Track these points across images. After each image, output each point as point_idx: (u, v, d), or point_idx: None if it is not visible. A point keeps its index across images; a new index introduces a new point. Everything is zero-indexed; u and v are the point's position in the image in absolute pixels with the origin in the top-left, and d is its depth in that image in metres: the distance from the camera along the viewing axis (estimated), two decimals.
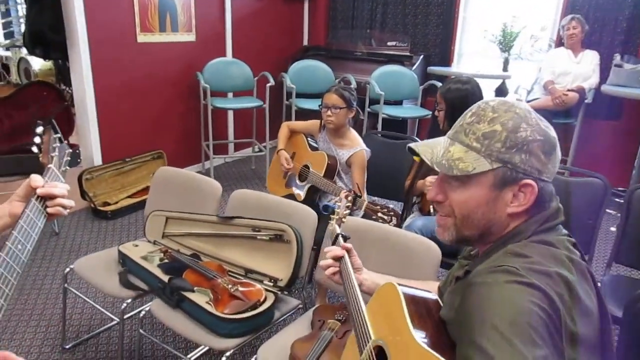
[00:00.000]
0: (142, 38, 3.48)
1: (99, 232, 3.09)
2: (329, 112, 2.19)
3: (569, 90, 3.60)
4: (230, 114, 4.40)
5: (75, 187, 3.26)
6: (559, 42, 3.82)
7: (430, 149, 0.90)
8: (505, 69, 4.07)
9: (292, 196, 2.34)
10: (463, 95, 1.90)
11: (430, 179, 1.97)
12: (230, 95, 4.22)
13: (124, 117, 3.52)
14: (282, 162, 2.37)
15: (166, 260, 1.81)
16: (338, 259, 1.13)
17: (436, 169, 0.86)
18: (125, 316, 2.13)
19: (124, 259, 1.85)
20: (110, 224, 3.21)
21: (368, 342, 0.93)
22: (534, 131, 0.84)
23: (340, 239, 1.20)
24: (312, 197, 2.31)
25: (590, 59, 3.66)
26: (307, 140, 2.43)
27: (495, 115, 0.85)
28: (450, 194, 0.89)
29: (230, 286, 1.62)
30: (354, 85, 3.92)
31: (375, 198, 2.88)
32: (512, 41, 4.05)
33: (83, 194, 3.27)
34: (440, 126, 1.95)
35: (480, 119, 0.86)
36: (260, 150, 4.59)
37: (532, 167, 0.83)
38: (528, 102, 3.78)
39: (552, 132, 0.86)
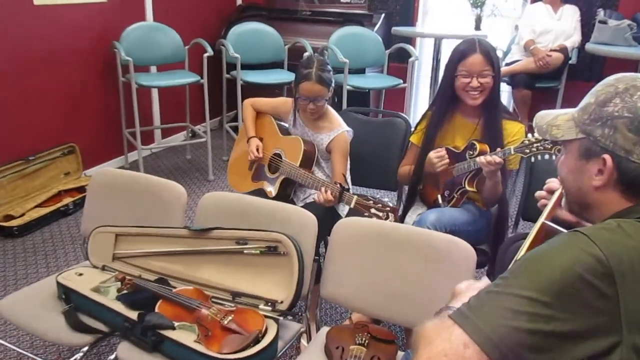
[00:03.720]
0: (39, 0, 3.18)
1: (6, 255, 2.81)
2: (311, 106, 2.13)
3: (551, 50, 3.76)
4: (155, 93, 4.21)
5: None
6: None
7: (545, 114, 1.07)
8: (477, 27, 4.16)
9: (261, 192, 2.27)
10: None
11: (434, 154, 1.97)
12: (153, 69, 4.01)
13: (23, 104, 3.24)
14: (251, 149, 2.28)
15: (126, 291, 1.68)
16: (551, 192, 1.27)
17: (536, 133, 1.06)
18: None
19: (67, 293, 1.68)
20: (18, 243, 2.94)
21: None
22: (623, 107, 0.94)
23: None
24: (286, 192, 2.26)
25: (571, 14, 3.83)
26: (276, 123, 2.37)
27: (599, 89, 0.99)
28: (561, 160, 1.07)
29: (221, 317, 1.51)
30: (309, 52, 3.84)
31: (358, 188, 2.87)
32: None
33: None
34: (473, 99, 1.91)
35: (591, 91, 1.00)
36: (194, 135, 4.42)
37: (616, 144, 0.94)
38: (507, 65, 3.90)
39: None
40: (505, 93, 4.44)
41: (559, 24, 3.82)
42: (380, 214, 1.77)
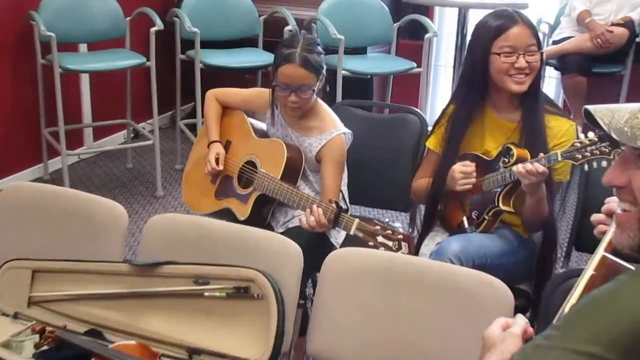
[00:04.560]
0: None
1: None
2: (293, 97, 2.15)
3: (613, 24, 3.83)
4: (85, 80, 4.21)
5: None
6: None
7: (611, 112, 1.01)
8: None
9: (228, 213, 2.29)
10: None
11: (460, 167, 1.99)
12: (83, 48, 4.03)
13: None
14: (209, 159, 2.30)
15: (46, 347, 1.68)
16: (612, 214, 1.22)
17: (613, 136, 1.00)
18: None
19: None
20: None
21: None
22: None
23: None
24: (261, 214, 2.28)
25: None
26: (249, 122, 2.39)
27: None
28: (636, 175, 1.00)
29: None
30: (292, 25, 3.88)
31: (358, 209, 2.89)
32: None
33: None
34: (519, 83, 1.94)
35: None
36: (137, 136, 4.44)
37: None
38: (556, 42, 3.96)
39: None
40: (553, 80, 4.51)
41: None
42: (390, 242, 1.79)
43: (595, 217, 1.34)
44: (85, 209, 1.91)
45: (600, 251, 1.15)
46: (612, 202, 1.32)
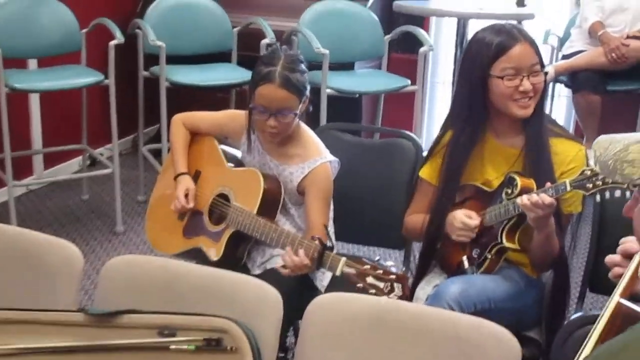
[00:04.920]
0: None
1: None
2: (272, 122, 2.17)
3: (628, 37, 3.89)
4: (35, 100, 4.23)
5: None
6: None
7: (609, 143, 1.08)
8: (521, 2, 4.32)
9: (197, 253, 2.31)
10: None
11: (463, 217, 2.02)
12: (32, 64, 4.04)
13: None
14: (177, 194, 2.32)
15: None
16: (629, 255, 1.27)
17: (597, 170, 1.07)
18: None
19: None
20: None
21: None
22: None
23: None
24: (236, 253, 2.30)
25: None
26: (221, 149, 2.41)
27: None
28: None
29: None
30: (269, 38, 3.91)
31: (344, 246, 2.90)
32: None
33: None
34: (524, 107, 1.99)
35: None
36: (93, 164, 4.44)
37: None
38: (566, 57, 4.04)
39: None
40: (564, 99, 4.58)
41: None
42: (381, 284, 1.80)
43: (610, 258, 1.36)
44: (34, 249, 1.90)
45: (616, 297, 1.16)
46: (628, 242, 1.34)
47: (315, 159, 2.24)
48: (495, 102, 2.01)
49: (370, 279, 1.82)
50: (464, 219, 2.02)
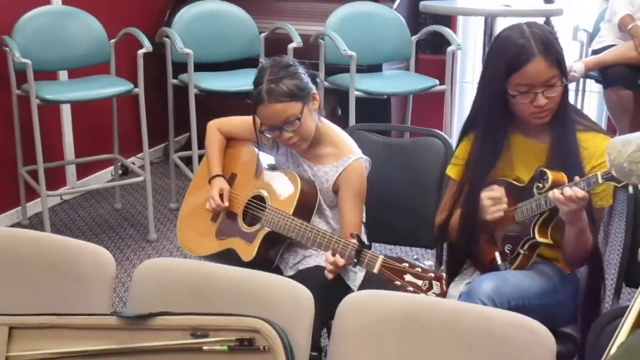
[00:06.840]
0: None
1: None
2: (284, 135, 2.18)
3: None
4: (67, 112, 4.25)
5: None
6: None
7: (622, 145, 1.08)
8: None
9: (230, 254, 2.31)
10: None
11: (487, 193, 2.03)
12: (63, 75, 4.07)
13: None
14: (212, 194, 2.33)
15: None
16: None
17: (613, 173, 1.09)
18: None
19: None
20: None
21: None
22: None
23: None
24: (269, 254, 2.30)
25: None
26: (259, 153, 2.40)
27: None
28: None
29: None
30: (297, 42, 3.92)
31: (375, 246, 2.89)
32: None
33: None
34: (540, 118, 1.99)
35: None
36: (126, 173, 4.47)
37: None
38: (595, 52, 3.99)
39: None
40: (595, 94, 4.53)
41: None
42: (420, 282, 1.79)
43: None
44: (67, 256, 1.90)
45: None
46: None
47: (348, 156, 2.25)
48: (514, 110, 2.02)
49: (408, 277, 1.82)
50: (488, 194, 2.02)
